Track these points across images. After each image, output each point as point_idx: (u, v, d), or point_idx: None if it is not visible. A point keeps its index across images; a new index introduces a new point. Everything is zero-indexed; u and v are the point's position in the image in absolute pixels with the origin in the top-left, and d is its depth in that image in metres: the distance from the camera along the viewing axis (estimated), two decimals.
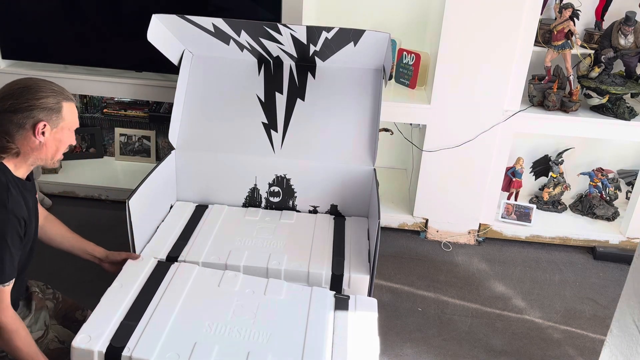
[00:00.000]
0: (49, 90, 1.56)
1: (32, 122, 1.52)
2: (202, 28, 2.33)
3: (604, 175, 3.09)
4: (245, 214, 2.47)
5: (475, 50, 2.61)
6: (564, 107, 2.77)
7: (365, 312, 1.87)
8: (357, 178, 2.48)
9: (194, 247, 2.18)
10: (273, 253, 2.17)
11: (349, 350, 1.68)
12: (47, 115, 1.54)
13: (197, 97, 2.58)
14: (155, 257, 2.11)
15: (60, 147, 1.62)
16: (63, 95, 1.59)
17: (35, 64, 3.02)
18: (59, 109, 1.56)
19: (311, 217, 2.48)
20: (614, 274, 2.79)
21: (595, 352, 2.26)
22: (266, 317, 1.77)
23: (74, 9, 2.88)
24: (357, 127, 2.50)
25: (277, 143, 2.53)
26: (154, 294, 1.81)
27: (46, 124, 1.54)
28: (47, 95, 1.54)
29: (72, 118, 1.62)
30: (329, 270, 2.09)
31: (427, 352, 2.21)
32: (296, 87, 2.56)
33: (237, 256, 2.14)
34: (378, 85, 2.51)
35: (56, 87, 1.60)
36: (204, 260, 2.11)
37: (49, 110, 1.54)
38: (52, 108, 1.55)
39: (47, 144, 1.57)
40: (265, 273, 2.09)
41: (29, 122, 1.52)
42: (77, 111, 1.65)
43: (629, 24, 2.66)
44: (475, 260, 2.84)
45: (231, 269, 2.09)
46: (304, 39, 2.31)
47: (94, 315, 1.68)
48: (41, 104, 1.53)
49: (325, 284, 2.09)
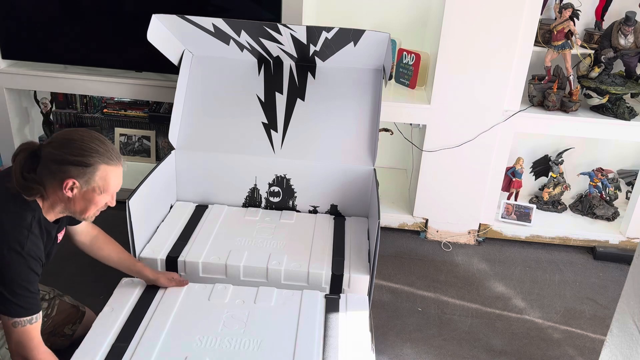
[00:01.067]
0: (91, 150, 1.50)
1: (63, 176, 1.48)
2: (202, 28, 2.33)
3: (604, 175, 3.09)
4: (245, 214, 2.48)
5: (475, 50, 2.61)
6: (564, 107, 2.77)
7: (355, 311, 1.92)
8: (357, 178, 2.49)
9: (194, 247, 2.19)
10: (273, 253, 2.18)
11: (340, 350, 1.72)
12: (79, 174, 1.49)
13: (197, 97, 2.58)
14: (155, 257, 2.12)
15: (90, 207, 1.56)
16: (106, 157, 1.52)
17: (35, 64, 3.02)
18: (93, 170, 1.50)
19: (311, 217, 2.48)
20: (614, 274, 2.79)
21: (595, 352, 2.26)
22: (256, 325, 1.80)
23: (74, 9, 2.88)
24: (357, 127, 2.51)
25: (277, 143, 2.53)
26: (145, 314, 1.82)
27: (76, 182, 1.49)
28: (85, 155, 1.49)
29: (108, 182, 1.54)
30: (329, 270, 2.10)
31: (427, 352, 2.21)
32: (296, 87, 2.56)
33: (237, 256, 2.14)
34: (378, 85, 2.51)
35: (103, 147, 1.53)
36: (204, 260, 2.12)
37: (82, 169, 1.49)
38: (86, 168, 1.49)
39: (75, 200, 1.53)
40: (265, 273, 2.10)
41: (59, 175, 1.48)
42: (120, 174, 1.58)
43: (629, 24, 2.66)
44: (475, 260, 2.84)
45: (231, 269, 2.10)
46: (304, 39, 2.31)
47: (86, 340, 1.69)
48: (75, 161, 1.48)
49: (325, 284, 2.10)
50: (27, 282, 1.47)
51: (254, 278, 2.12)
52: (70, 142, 1.49)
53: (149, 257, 2.12)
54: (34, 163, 1.50)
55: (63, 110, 3.38)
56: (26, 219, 1.48)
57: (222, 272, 2.12)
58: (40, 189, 1.49)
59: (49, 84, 3.01)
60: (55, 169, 1.47)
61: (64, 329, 1.97)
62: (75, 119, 3.40)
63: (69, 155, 1.47)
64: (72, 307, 2.01)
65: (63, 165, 1.47)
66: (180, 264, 2.12)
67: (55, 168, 1.47)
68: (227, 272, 2.12)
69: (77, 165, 1.48)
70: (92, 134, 1.54)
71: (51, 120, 3.31)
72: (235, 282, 2.12)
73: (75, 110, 3.39)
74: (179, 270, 2.13)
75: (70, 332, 1.98)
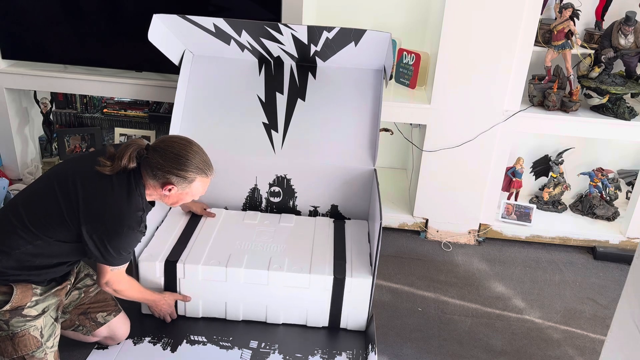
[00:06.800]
0: (194, 167, 1.78)
1: (164, 181, 1.77)
2: (203, 28, 2.33)
3: (604, 175, 3.09)
4: (244, 218, 2.46)
5: (475, 50, 2.61)
6: (564, 107, 2.77)
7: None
8: (358, 178, 2.48)
9: (193, 251, 2.18)
10: (273, 257, 2.16)
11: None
12: (180, 182, 1.78)
13: (198, 97, 2.58)
14: (154, 261, 2.10)
15: (179, 202, 1.88)
16: (204, 171, 1.81)
17: (35, 64, 3.02)
18: (191, 181, 1.80)
19: (311, 220, 2.47)
20: (614, 274, 2.79)
21: (595, 352, 2.26)
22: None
23: (74, 9, 2.88)
24: (357, 127, 2.50)
25: (277, 143, 2.52)
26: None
27: (174, 187, 1.79)
28: (188, 171, 1.77)
29: (200, 190, 1.86)
30: (330, 274, 2.09)
31: (427, 352, 2.21)
32: (297, 87, 2.55)
33: (237, 260, 2.13)
34: (378, 85, 2.50)
35: (202, 163, 1.81)
36: (204, 264, 2.10)
37: (183, 180, 1.78)
38: (187, 180, 1.78)
39: (169, 197, 1.84)
40: (267, 277, 2.09)
41: (162, 180, 1.77)
42: (208, 183, 1.88)
43: (629, 24, 2.66)
44: (475, 260, 2.84)
45: (231, 273, 2.09)
46: (304, 39, 2.31)
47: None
48: (180, 174, 1.76)
49: (327, 288, 2.09)
50: (132, 248, 1.83)
51: (254, 282, 2.11)
52: (178, 158, 1.76)
53: (148, 261, 2.11)
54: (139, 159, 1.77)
55: (63, 110, 3.38)
56: (139, 204, 1.77)
57: (223, 276, 2.10)
58: (141, 181, 1.78)
59: (49, 84, 3.01)
60: (160, 175, 1.76)
61: (97, 315, 2.01)
62: (75, 119, 3.40)
63: (174, 169, 1.76)
64: (112, 299, 2.05)
65: (167, 175, 1.76)
66: (179, 268, 2.11)
67: (160, 174, 1.76)
68: (227, 276, 2.10)
69: (179, 177, 1.77)
70: (194, 147, 1.81)
71: (51, 120, 3.31)
72: (235, 287, 2.11)
73: (75, 110, 3.39)
74: (178, 274, 2.11)
75: (102, 321, 2.01)
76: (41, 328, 1.77)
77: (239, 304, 2.18)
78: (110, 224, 1.71)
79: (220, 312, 2.20)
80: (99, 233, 1.70)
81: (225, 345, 2.09)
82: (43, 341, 1.77)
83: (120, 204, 1.73)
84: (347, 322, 2.19)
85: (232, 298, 2.16)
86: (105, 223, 1.70)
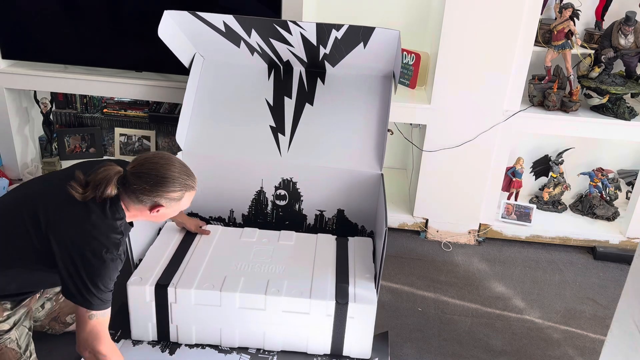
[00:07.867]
0: (180, 185, 1.69)
1: (152, 204, 1.69)
2: (213, 26, 2.29)
3: (604, 175, 3.09)
4: (241, 235, 2.31)
5: (475, 50, 2.61)
6: (564, 107, 2.77)
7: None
8: (364, 182, 2.45)
9: (186, 273, 2.04)
10: (271, 279, 2.02)
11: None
12: (168, 202, 1.70)
13: (207, 100, 2.55)
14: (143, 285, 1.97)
15: (167, 217, 1.80)
16: (190, 185, 1.73)
17: (35, 64, 3.02)
18: (180, 198, 1.72)
19: (312, 238, 2.33)
20: (614, 274, 2.79)
21: (595, 352, 2.26)
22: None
23: (74, 9, 2.88)
24: (365, 131, 2.46)
25: (284, 146, 2.49)
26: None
27: (163, 207, 1.70)
28: (176, 190, 1.69)
29: (186, 203, 1.77)
30: (332, 299, 1.96)
31: (427, 352, 2.21)
32: (305, 92, 2.53)
33: (233, 283, 1.99)
34: (387, 92, 2.47)
35: (186, 177, 1.71)
36: (197, 288, 1.97)
37: (171, 200, 1.70)
38: (175, 199, 1.71)
39: (157, 217, 1.75)
40: (264, 302, 1.96)
41: (150, 204, 1.68)
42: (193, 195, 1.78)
43: (629, 24, 2.66)
44: (475, 260, 2.84)
45: (226, 297, 1.97)
46: (313, 39, 2.27)
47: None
48: (168, 195, 1.68)
49: (329, 313, 1.97)
50: (112, 280, 1.65)
51: (251, 307, 1.98)
52: (163, 180, 1.66)
53: (137, 285, 1.97)
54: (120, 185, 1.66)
55: (63, 110, 3.38)
56: (119, 227, 1.66)
57: (217, 300, 1.97)
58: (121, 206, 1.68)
59: (49, 84, 3.01)
60: (148, 199, 1.67)
61: (66, 318, 2.08)
62: (75, 119, 3.40)
63: (162, 192, 1.67)
64: None
65: (155, 198, 1.67)
66: (170, 293, 1.96)
67: (148, 199, 1.67)
68: (222, 300, 1.96)
69: (168, 198, 1.69)
70: (175, 163, 1.71)
71: (51, 120, 3.31)
72: (230, 312, 1.99)
73: (75, 110, 3.39)
74: (170, 299, 1.98)
75: (71, 321, 2.08)
76: (17, 339, 1.76)
77: (235, 331, 2.03)
78: (88, 250, 1.59)
79: (215, 339, 2.05)
80: (75, 262, 1.58)
81: (224, 349, 2.05)
82: (22, 352, 1.77)
83: (97, 230, 1.62)
84: (351, 349, 2.04)
85: (227, 324, 2.01)
86: (83, 250, 1.59)
